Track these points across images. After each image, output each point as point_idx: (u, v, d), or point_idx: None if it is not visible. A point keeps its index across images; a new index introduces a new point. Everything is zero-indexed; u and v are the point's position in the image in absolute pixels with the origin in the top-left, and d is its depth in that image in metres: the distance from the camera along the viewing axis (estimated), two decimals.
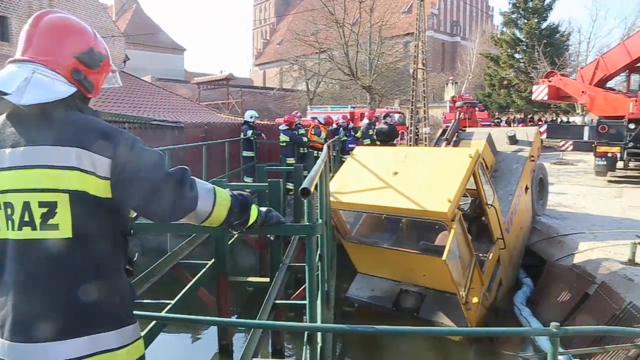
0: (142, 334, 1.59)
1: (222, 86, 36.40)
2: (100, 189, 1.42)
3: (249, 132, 11.73)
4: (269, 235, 4.09)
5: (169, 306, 4.51)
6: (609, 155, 13.48)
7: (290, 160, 11.03)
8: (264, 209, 1.94)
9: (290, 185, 9.42)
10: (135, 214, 1.65)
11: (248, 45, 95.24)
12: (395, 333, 1.91)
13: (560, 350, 5.46)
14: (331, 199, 5.79)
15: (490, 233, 6.17)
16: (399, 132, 20.12)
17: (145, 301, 4.82)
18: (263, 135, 12.43)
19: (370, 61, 25.09)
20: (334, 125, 13.59)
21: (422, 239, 5.91)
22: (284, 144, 11.51)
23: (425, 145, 18.68)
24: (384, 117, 13.82)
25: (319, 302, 3.04)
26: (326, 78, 34.88)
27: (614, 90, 15.59)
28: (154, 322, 3.69)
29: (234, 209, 1.69)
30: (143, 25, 48.08)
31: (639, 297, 5.46)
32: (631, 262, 6.15)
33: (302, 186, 2.04)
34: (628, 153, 13.21)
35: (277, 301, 4.43)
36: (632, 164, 15.15)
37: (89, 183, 1.39)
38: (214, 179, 6.02)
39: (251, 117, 12.03)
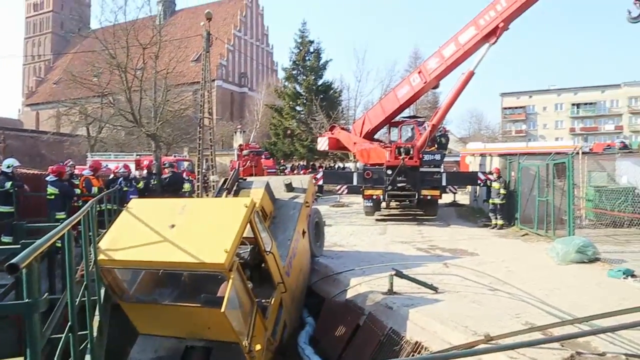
0: None
1: None
2: None
3: (8, 184, 10.15)
4: None
5: None
6: (374, 197, 15.47)
7: (60, 215, 9.85)
8: None
9: (59, 244, 8.34)
10: None
11: (17, 81, 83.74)
12: None
13: None
14: (103, 257, 5.33)
15: (271, 278, 6.38)
16: (189, 180, 19.78)
17: None
18: (26, 186, 10.86)
19: (156, 108, 24.35)
20: (113, 175, 12.70)
21: (204, 291, 5.78)
22: (53, 196, 10.25)
23: (213, 192, 18.74)
24: (168, 166, 13.48)
25: None
26: (109, 124, 32.64)
27: (380, 141, 18.08)
28: None
29: None
30: None
31: (397, 322, 6.26)
32: (390, 291, 7.03)
33: (11, 261, 1.72)
34: (388, 195, 15.33)
35: None
36: (393, 204, 17.57)
37: None
38: None
39: (9, 167, 10.43)
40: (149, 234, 5.48)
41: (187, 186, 17.70)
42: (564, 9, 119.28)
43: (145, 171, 13.31)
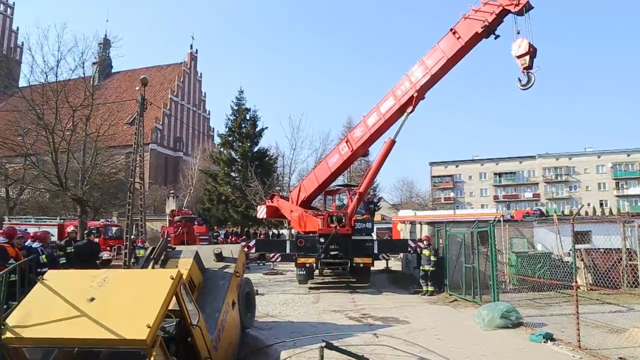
0: None
1: None
2: None
3: None
4: None
5: None
6: (307, 265, 15.39)
7: None
8: None
9: None
10: None
11: None
12: None
13: None
14: (9, 335, 4.91)
15: (197, 353, 6.10)
16: (142, 247, 18.87)
17: None
18: None
19: (83, 171, 23.46)
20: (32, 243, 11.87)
21: None
22: None
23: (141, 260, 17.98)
24: (88, 234, 12.82)
25: None
26: (31, 186, 30.97)
27: (316, 209, 18.24)
28: None
29: None
30: None
31: None
32: None
33: None
34: (321, 263, 15.30)
35: None
36: (326, 271, 17.55)
37: None
38: None
39: None
40: (65, 308, 5.14)
41: (141, 252, 16.74)
42: (479, 83, 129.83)
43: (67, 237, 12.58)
